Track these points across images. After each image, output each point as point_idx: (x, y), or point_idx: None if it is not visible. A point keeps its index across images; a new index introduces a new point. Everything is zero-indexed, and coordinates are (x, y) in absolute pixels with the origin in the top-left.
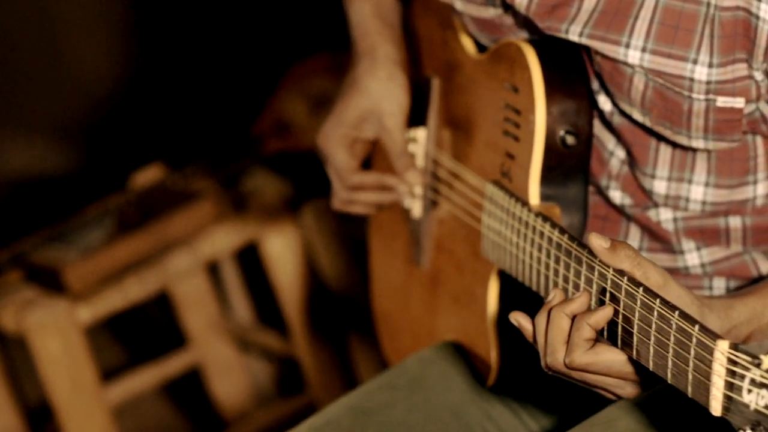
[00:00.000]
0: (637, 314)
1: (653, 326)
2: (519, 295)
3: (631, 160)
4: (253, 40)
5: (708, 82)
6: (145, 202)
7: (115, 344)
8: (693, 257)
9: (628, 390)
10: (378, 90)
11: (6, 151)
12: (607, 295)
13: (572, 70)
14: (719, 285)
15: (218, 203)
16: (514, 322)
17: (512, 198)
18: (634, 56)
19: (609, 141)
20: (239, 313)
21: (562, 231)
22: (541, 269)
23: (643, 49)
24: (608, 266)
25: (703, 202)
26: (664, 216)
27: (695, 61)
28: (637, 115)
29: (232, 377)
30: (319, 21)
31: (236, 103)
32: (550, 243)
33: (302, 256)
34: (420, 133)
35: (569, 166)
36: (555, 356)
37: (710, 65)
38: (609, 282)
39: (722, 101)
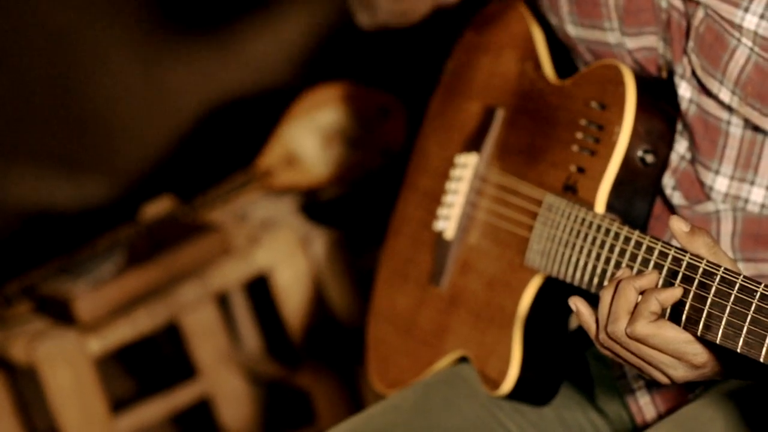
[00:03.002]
0: (713, 290)
1: (731, 298)
2: (550, 310)
3: (694, 155)
4: (261, 67)
5: None
6: (155, 234)
7: (125, 375)
8: None
9: (680, 372)
10: None
11: (16, 182)
12: (679, 277)
13: (664, 99)
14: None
15: (228, 235)
16: (573, 306)
17: (575, 204)
18: (750, 21)
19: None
20: (248, 344)
21: (631, 227)
22: (598, 266)
23: (762, 16)
24: (684, 251)
25: (762, 205)
26: (724, 207)
27: None
28: (725, 94)
29: (241, 408)
30: (328, 50)
31: (245, 133)
32: (616, 238)
33: (311, 287)
34: (471, 159)
35: (640, 184)
36: (617, 324)
37: None
38: (684, 265)
39: None
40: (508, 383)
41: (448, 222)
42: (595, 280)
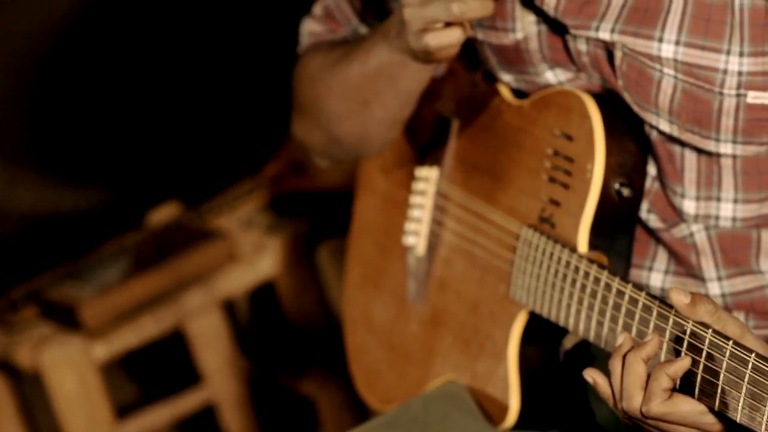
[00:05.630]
0: (725, 365)
1: (746, 378)
2: (543, 336)
3: (661, 177)
4: (269, 78)
5: (739, 73)
6: (161, 240)
7: (130, 381)
8: (714, 287)
9: None
10: None
11: (22, 187)
12: (685, 344)
13: (629, 123)
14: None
15: (234, 242)
16: (589, 380)
17: (557, 243)
18: (668, 50)
19: None
20: (253, 351)
21: (625, 279)
22: (593, 316)
23: (677, 43)
24: (687, 319)
25: (734, 219)
26: (696, 227)
27: (728, 52)
28: (665, 125)
29: (245, 415)
30: None
31: (252, 140)
32: (608, 289)
33: (317, 295)
34: (432, 173)
35: (620, 218)
36: (631, 402)
37: (741, 54)
38: (688, 332)
39: (753, 96)
40: (511, 418)
41: (418, 238)
42: (592, 332)
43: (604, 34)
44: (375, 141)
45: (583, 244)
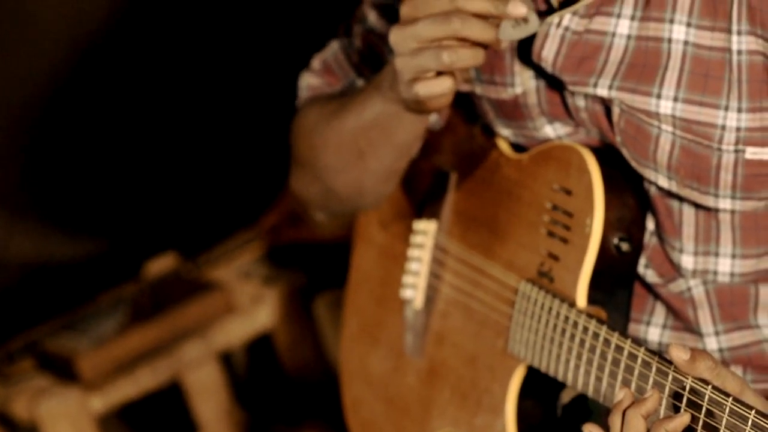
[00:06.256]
0: (724, 422)
1: None
2: (541, 391)
3: (659, 233)
4: (267, 129)
5: (738, 129)
6: (159, 291)
7: None
8: (712, 341)
9: None
10: None
11: (20, 237)
12: (684, 400)
13: (628, 177)
14: (736, 372)
15: (231, 293)
16: None
17: (555, 298)
18: (666, 106)
19: None
20: (250, 403)
21: (624, 334)
22: (591, 371)
23: (675, 99)
24: (687, 375)
25: (732, 274)
26: (694, 282)
27: (726, 108)
28: (663, 181)
29: None
30: None
31: (249, 191)
32: (607, 344)
33: (314, 347)
34: (431, 226)
35: (619, 273)
36: None
37: (739, 110)
38: (687, 388)
39: (751, 152)
40: None
41: (416, 291)
42: (591, 387)
43: (602, 91)
44: (371, 194)
45: (581, 298)
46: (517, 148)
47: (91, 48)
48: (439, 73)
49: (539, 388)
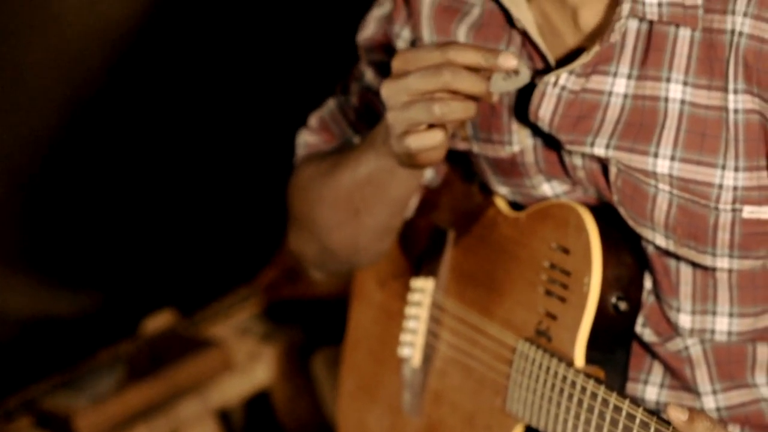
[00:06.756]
0: None
1: None
2: None
3: (657, 292)
4: (264, 186)
5: (735, 188)
6: (156, 349)
7: None
8: (709, 400)
9: None
10: None
11: (17, 293)
12: None
13: (626, 236)
14: None
15: (229, 350)
16: None
17: (553, 357)
18: (663, 165)
19: None
20: None
21: (623, 394)
22: (590, 430)
23: (672, 158)
24: None
25: (729, 333)
26: (691, 341)
27: (723, 167)
28: (660, 240)
29: None
30: None
31: (247, 247)
32: (605, 405)
33: (312, 404)
34: (428, 284)
35: (617, 331)
36: None
37: (736, 169)
38: None
39: (748, 211)
40: None
41: (413, 350)
42: None
43: (599, 150)
44: (367, 251)
45: (579, 358)
46: (515, 206)
47: (85, 107)
48: (431, 127)
49: None
